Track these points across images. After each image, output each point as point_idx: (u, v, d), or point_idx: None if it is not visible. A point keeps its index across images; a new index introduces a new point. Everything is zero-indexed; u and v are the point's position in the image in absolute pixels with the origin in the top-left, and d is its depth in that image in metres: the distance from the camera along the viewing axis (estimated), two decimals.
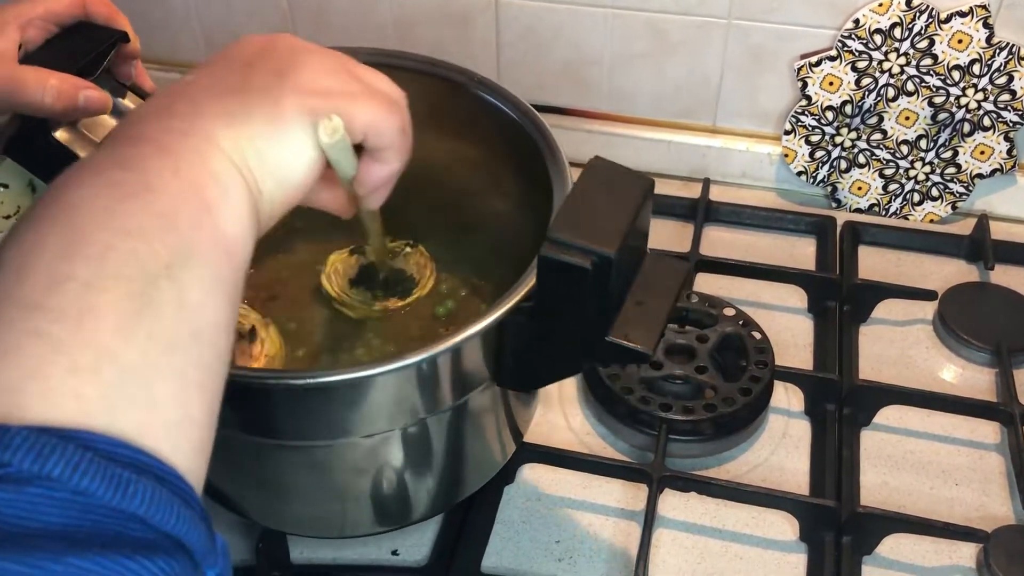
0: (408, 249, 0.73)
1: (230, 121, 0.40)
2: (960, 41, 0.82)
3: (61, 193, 0.36)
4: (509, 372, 0.56)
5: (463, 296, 0.71)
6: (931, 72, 0.84)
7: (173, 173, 0.37)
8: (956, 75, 0.84)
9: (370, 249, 0.66)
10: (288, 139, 0.42)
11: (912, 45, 0.83)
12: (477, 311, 0.71)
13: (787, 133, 0.90)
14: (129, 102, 0.66)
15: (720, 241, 0.90)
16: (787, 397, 0.76)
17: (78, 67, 0.61)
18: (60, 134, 0.61)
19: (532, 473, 0.70)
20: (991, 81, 0.84)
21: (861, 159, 0.90)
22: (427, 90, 0.68)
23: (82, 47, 0.63)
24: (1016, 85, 0.83)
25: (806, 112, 0.89)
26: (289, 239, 0.75)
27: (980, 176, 0.89)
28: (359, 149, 0.47)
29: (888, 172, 0.90)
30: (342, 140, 0.43)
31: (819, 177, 0.92)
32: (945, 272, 0.86)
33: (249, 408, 0.53)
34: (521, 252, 0.55)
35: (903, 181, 0.91)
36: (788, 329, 0.81)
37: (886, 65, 0.85)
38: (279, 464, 0.57)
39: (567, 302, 0.49)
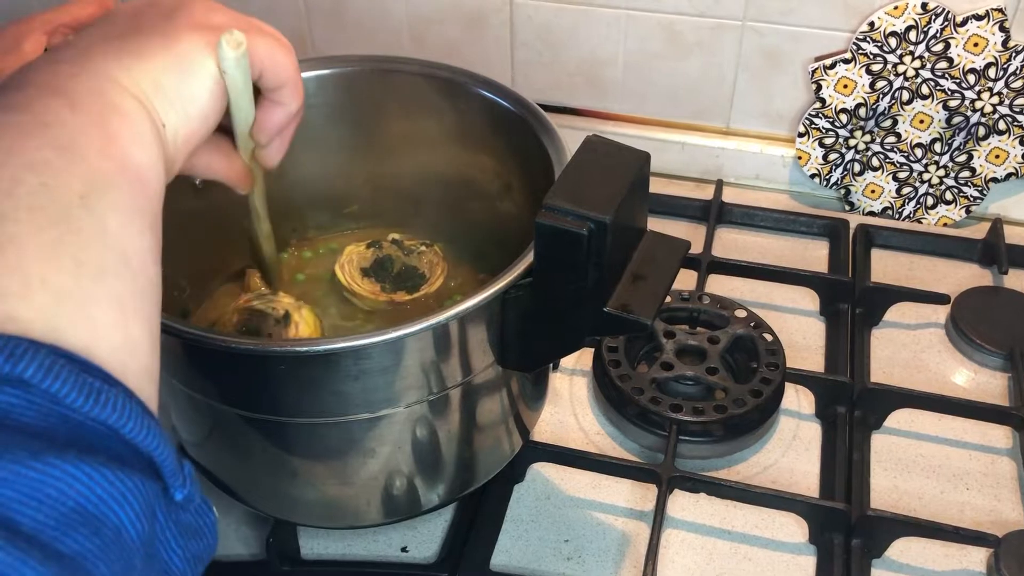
0: (423, 248, 0.74)
1: (122, 58, 0.39)
2: (976, 44, 0.82)
3: None
4: (512, 351, 0.56)
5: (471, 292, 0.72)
6: (946, 75, 0.84)
7: (70, 109, 0.36)
8: (971, 78, 0.84)
9: (261, 240, 0.61)
10: (187, 67, 0.41)
11: (927, 48, 0.83)
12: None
13: (801, 135, 0.90)
14: None
15: (732, 243, 0.90)
16: (798, 399, 0.76)
17: None
18: None
19: (542, 472, 0.70)
20: (1007, 85, 0.83)
21: (875, 162, 0.90)
22: (430, 93, 0.69)
23: None
24: None
25: (820, 114, 0.89)
26: (310, 235, 0.77)
27: (995, 180, 0.89)
28: (256, 97, 0.47)
29: (902, 175, 0.90)
30: (244, 57, 0.43)
31: (832, 180, 0.92)
32: (958, 276, 0.86)
33: (253, 380, 0.53)
34: (528, 245, 0.55)
35: (917, 184, 0.90)
36: (800, 331, 0.81)
37: (901, 68, 0.85)
38: (285, 444, 0.58)
39: (565, 271, 0.50)
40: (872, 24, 0.83)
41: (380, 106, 0.71)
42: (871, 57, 0.85)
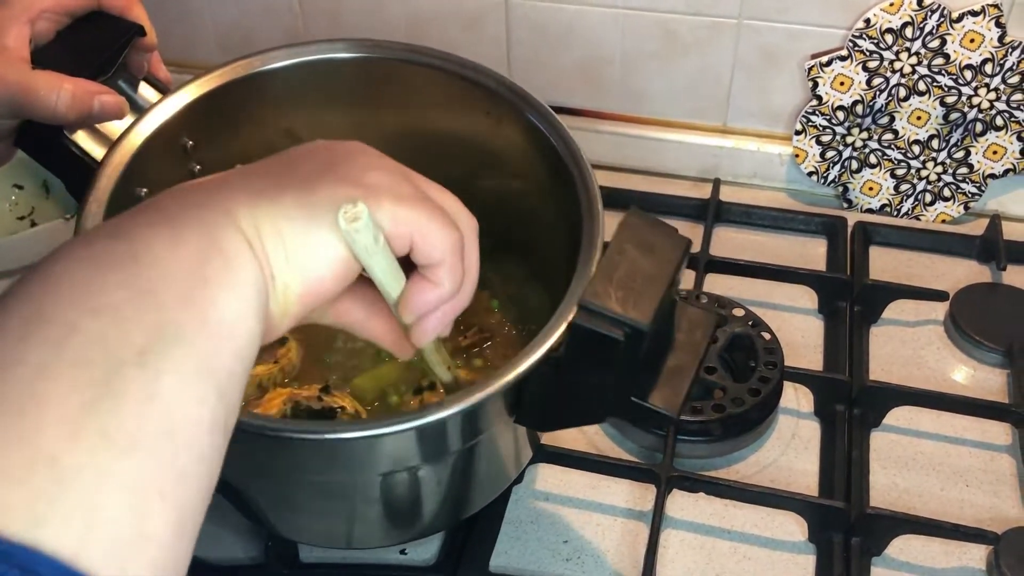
0: None
1: (255, 198, 0.36)
2: (972, 40, 0.82)
3: (43, 264, 0.32)
4: (530, 415, 0.54)
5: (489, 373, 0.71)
6: (943, 72, 0.84)
7: (170, 244, 0.33)
8: (968, 74, 0.84)
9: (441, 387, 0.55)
10: (313, 221, 0.36)
11: (923, 44, 0.83)
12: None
13: (798, 133, 0.90)
14: (144, 94, 0.64)
15: (730, 241, 0.90)
16: (796, 398, 0.75)
17: (91, 63, 0.59)
18: (73, 135, 0.60)
19: (541, 473, 0.70)
20: (1003, 80, 0.83)
21: (872, 159, 0.90)
22: (443, 86, 0.67)
23: (96, 43, 0.60)
24: None
25: (817, 112, 0.88)
26: None
27: (992, 176, 0.88)
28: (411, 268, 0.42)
29: (900, 172, 0.90)
30: (365, 232, 0.37)
31: (830, 177, 0.92)
32: (957, 273, 0.86)
33: (260, 452, 0.52)
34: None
35: (915, 181, 0.90)
36: (798, 330, 0.81)
37: (897, 65, 0.84)
38: (293, 488, 0.57)
39: (596, 367, 0.48)
40: (868, 21, 0.83)
41: (389, 95, 0.69)
42: (867, 54, 0.84)
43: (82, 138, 0.60)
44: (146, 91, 0.64)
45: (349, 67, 0.67)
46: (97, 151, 0.60)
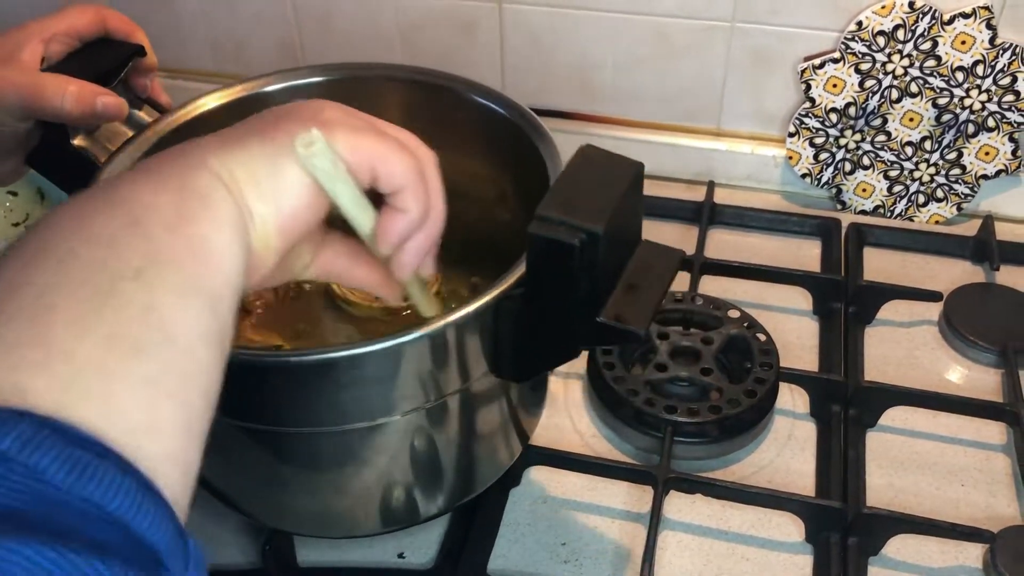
0: None
1: (223, 147, 0.40)
2: (963, 42, 0.82)
3: (42, 219, 0.36)
4: (505, 360, 0.56)
5: (465, 298, 0.72)
6: (935, 73, 0.84)
7: (151, 191, 0.36)
8: (960, 76, 0.84)
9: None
10: (277, 159, 0.40)
11: (915, 47, 0.83)
12: None
13: (791, 135, 0.91)
14: (145, 115, 0.69)
15: (725, 244, 0.90)
16: (792, 399, 0.76)
17: (95, 76, 0.63)
18: (78, 141, 0.64)
19: (538, 475, 0.70)
20: (995, 82, 0.84)
21: (865, 161, 0.90)
22: (424, 100, 0.69)
23: (101, 60, 0.66)
24: (1020, 86, 0.83)
25: (810, 114, 0.89)
26: None
27: (985, 177, 0.89)
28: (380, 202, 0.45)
29: (893, 174, 0.90)
30: (323, 157, 0.40)
31: (823, 179, 0.92)
32: (951, 273, 0.86)
33: (247, 390, 0.53)
34: (521, 252, 0.55)
35: (908, 183, 0.91)
36: (793, 331, 0.81)
37: (889, 67, 0.85)
38: (281, 454, 0.57)
39: (557, 281, 0.50)
40: (860, 23, 0.83)
41: (374, 114, 0.71)
42: (860, 56, 0.85)
43: (85, 148, 0.65)
44: (148, 114, 0.69)
45: (337, 89, 0.69)
46: (100, 160, 0.64)
